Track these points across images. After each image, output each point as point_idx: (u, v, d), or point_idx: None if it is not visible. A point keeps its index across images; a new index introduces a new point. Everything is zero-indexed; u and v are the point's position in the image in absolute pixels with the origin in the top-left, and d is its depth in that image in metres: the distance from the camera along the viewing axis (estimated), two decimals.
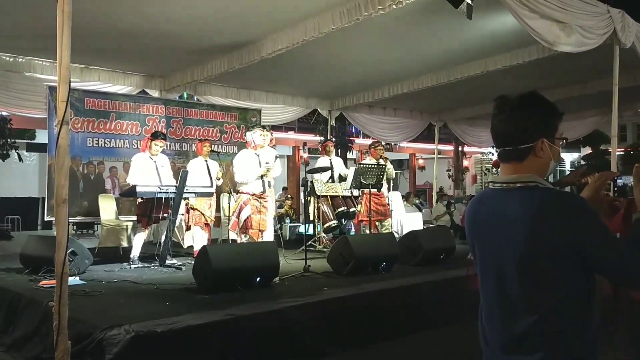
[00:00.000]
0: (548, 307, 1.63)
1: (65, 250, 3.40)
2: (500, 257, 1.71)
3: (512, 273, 1.67)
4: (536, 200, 1.65)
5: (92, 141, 8.74)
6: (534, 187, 1.67)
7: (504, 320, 1.70)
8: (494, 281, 1.73)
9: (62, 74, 3.41)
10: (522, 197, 1.67)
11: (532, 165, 1.70)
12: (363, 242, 6.53)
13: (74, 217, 8.38)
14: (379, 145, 8.96)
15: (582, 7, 6.39)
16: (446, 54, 8.34)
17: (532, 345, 1.64)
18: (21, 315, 4.72)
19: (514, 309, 1.67)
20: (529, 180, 1.68)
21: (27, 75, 8.35)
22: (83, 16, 5.63)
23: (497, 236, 1.71)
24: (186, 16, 6.62)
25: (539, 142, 1.69)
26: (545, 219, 1.61)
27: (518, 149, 1.71)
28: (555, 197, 1.65)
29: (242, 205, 7.06)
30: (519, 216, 1.65)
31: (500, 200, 1.73)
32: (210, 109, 10.12)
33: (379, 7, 5.79)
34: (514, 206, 1.67)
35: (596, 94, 9.99)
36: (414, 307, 5.44)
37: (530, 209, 1.64)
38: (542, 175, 1.71)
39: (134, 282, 5.80)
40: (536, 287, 1.64)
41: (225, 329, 4.09)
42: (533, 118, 1.71)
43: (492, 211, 1.75)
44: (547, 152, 1.70)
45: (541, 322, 1.63)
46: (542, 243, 1.61)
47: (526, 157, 1.70)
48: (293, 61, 8.23)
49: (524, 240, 1.63)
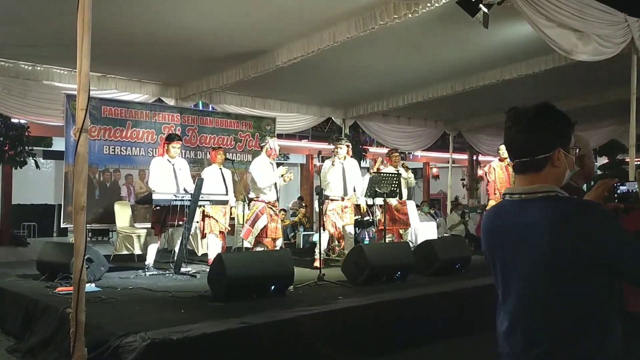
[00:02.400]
0: (573, 319, 1.63)
1: (83, 257, 3.42)
2: (525, 268, 1.70)
3: (537, 284, 1.67)
4: (560, 210, 1.65)
5: (109, 149, 8.81)
6: (554, 197, 1.68)
7: (529, 334, 1.70)
8: (518, 293, 1.73)
9: (82, 82, 3.44)
10: (544, 207, 1.67)
11: (549, 175, 1.72)
12: (378, 251, 6.49)
13: (89, 224, 8.41)
14: (394, 153, 8.93)
15: (600, 15, 6.35)
16: (461, 63, 8.32)
17: (557, 357, 1.64)
18: (37, 322, 4.75)
19: (540, 322, 1.67)
20: (550, 190, 1.69)
21: (46, 83, 8.44)
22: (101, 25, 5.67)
23: (520, 247, 1.71)
24: (202, 25, 6.67)
25: (556, 152, 1.71)
26: (570, 228, 1.61)
27: (535, 160, 1.72)
28: (579, 206, 1.67)
29: (259, 214, 7.07)
30: (543, 226, 1.65)
31: (521, 211, 1.73)
32: (225, 117, 10.17)
33: (395, 16, 5.81)
34: (537, 216, 1.67)
35: (613, 103, 9.89)
36: (429, 318, 5.40)
37: (555, 219, 1.64)
38: (558, 184, 1.73)
39: (149, 289, 5.80)
40: (561, 298, 1.64)
41: (241, 337, 4.08)
42: (550, 129, 1.73)
43: (513, 222, 1.74)
44: (563, 161, 1.72)
45: (566, 335, 1.63)
46: (568, 252, 1.61)
47: (544, 168, 1.72)
48: (308, 70, 8.25)
49: (550, 250, 1.63)
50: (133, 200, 8.82)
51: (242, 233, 7.37)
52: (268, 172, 7.12)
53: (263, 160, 7.25)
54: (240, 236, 7.86)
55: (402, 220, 8.59)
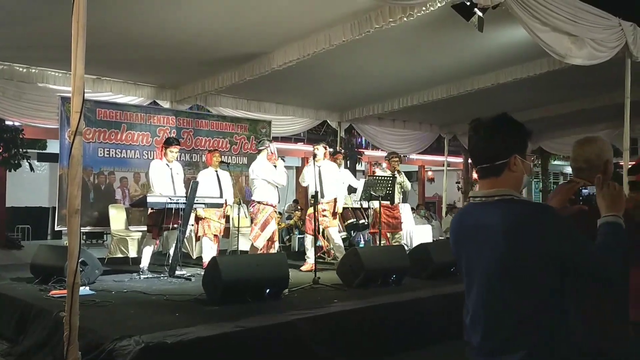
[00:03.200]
0: (528, 310, 1.79)
1: (77, 260, 3.40)
2: (484, 266, 1.88)
3: (495, 280, 1.85)
4: (514, 212, 1.83)
5: (103, 151, 8.80)
6: (510, 200, 1.86)
7: (488, 325, 1.87)
8: (478, 288, 1.91)
9: (77, 85, 3.42)
10: (500, 209, 1.85)
11: (507, 180, 1.89)
12: (373, 255, 6.50)
13: (84, 226, 8.39)
14: (394, 156, 8.93)
15: (594, 20, 6.38)
16: (457, 66, 8.34)
17: (514, 346, 1.79)
18: (31, 325, 4.73)
19: (497, 314, 1.85)
20: (506, 193, 1.87)
21: (40, 85, 8.42)
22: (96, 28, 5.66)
23: (480, 246, 1.89)
24: (197, 28, 6.67)
25: (512, 158, 1.88)
26: (524, 229, 1.79)
27: (494, 165, 1.89)
28: (532, 208, 1.85)
29: (269, 219, 7.09)
30: (499, 227, 1.82)
31: (481, 213, 1.91)
32: (220, 120, 10.17)
33: (390, 20, 5.81)
34: (494, 218, 1.85)
35: (608, 107, 9.94)
36: (424, 321, 5.40)
37: (510, 220, 1.81)
38: (517, 188, 1.90)
39: (143, 292, 5.78)
40: (517, 292, 1.81)
41: (236, 341, 4.07)
42: (506, 137, 1.90)
43: (475, 223, 1.93)
44: (520, 167, 1.89)
45: (522, 325, 1.79)
46: (522, 251, 1.78)
47: (502, 173, 1.89)
48: (303, 73, 8.25)
49: (505, 250, 1.80)
50: (128, 203, 8.80)
51: (251, 235, 7.32)
52: (271, 170, 7.16)
53: (264, 162, 7.27)
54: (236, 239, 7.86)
55: (392, 224, 8.58)
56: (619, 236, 1.89)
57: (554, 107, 10.89)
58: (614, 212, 1.94)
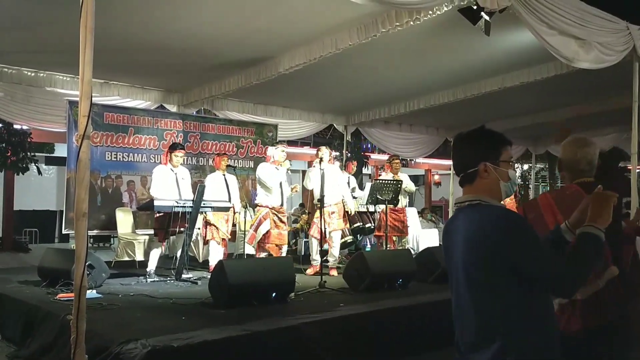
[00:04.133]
0: (492, 310, 1.88)
1: (84, 263, 3.41)
2: (455, 268, 2.01)
3: (462, 282, 1.96)
4: (476, 217, 1.95)
5: (111, 155, 8.83)
6: (477, 205, 1.98)
7: (462, 323, 1.99)
8: (453, 289, 2.04)
9: (84, 89, 3.44)
10: (466, 214, 1.99)
11: (480, 186, 2.01)
12: (379, 259, 6.49)
13: (91, 230, 8.42)
14: (396, 159, 8.91)
15: (601, 23, 6.35)
16: (463, 70, 8.32)
17: (484, 344, 1.88)
18: (38, 328, 4.75)
19: (467, 314, 1.96)
20: (474, 199, 1.99)
21: (48, 89, 8.46)
22: (104, 32, 5.69)
23: (452, 250, 2.03)
24: (205, 33, 6.69)
25: (481, 165, 1.99)
26: (481, 233, 1.89)
27: (467, 174, 2.03)
28: (492, 214, 1.92)
29: (262, 219, 7.09)
30: (462, 231, 1.96)
31: (455, 218, 2.06)
32: (227, 123, 10.19)
33: (397, 24, 5.80)
34: (461, 222, 1.99)
35: (615, 111, 9.87)
36: (431, 325, 5.38)
37: (471, 225, 1.94)
38: (494, 194, 2.00)
39: (150, 296, 5.80)
40: (480, 293, 1.91)
41: (242, 345, 4.07)
42: (475, 147, 2.04)
43: (450, 228, 2.08)
44: (492, 174, 1.99)
45: (489, 324, 1.89)
46: (480, 254, 1.88)
47: (474, 180, 2.02)
48: (310, 77, 8.26)
49: (466, 252, 1.93)
50: (135, 206, 8.82)
51: (246, 238, 7.37)
52: (272, 175, 7.15)
53: (266, 164, 7.33)
54: (243, 242, 7.86)
55: (399, 227, 8.56)
56: (592, 251, 1.91)
57: (561, 111, 10.84)
58: (596, 223, 1.95)
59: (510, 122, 11.42)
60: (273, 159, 7.28)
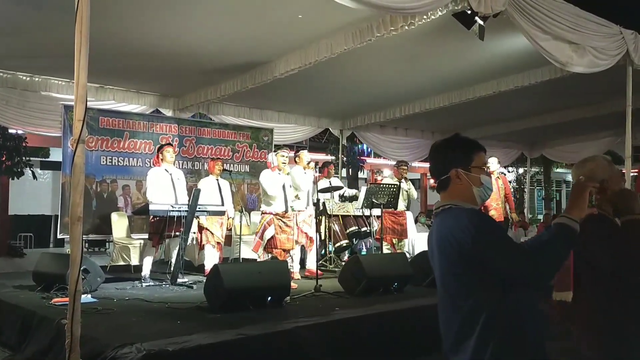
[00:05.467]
0: (469, 310, 1.92)
1: (79, 267, 3.41)
2: (435, 272, 2.08)
3: (440, 285, 2.05)
4: (446, 220, 2.01)
5: (106, 160, 8.83)
6: (448, 209, 2.03)
7: (444, 326, 2.05)
8: (438, 292, 2.09)
9: (79, 93, 3.44)
10: (440, 219, 2.04)
11: (453, 192, 2.05)
12: (375, 262, 6.49)
13: (86, 234, 8.40)
14: (403, 165, 8.93)
15: (595, 28, 6.39)
16: (458, 75, 8.36)
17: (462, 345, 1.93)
18: (34, 333, 4.72)
19: (448, 316, 2.02)
20: (446, 203, 2.05)
21: (44, 94, 8.47)
22: (99, 37, 5.70)
23: (431, 255, 2.11)
24: (200, 37, 6.71)
25: (453, 172, 2.04)
26: (450, 235, 1.94)
27: (441, 180, 2.08)
28: (459, 216, 1.97)
29: (266, 225, 7.08)
30: (435, 234, 2.04)
31: (433, 224, 2.12)
32: (222, 128, 10.20)
33: (391, 28, 5.83)
34: (435, 228, 2.06)
35: (610, 115, 9.94)
36: (427, 329, 5.35)
37: (442, 227, 2.01)
38: (468, 199, 2.04)
39: (145, 300, 5.78)
40: (456, 294, 1.96)
41: (237, 349, 4.06)
42: (445, 154, 2.09)
43: (430, 234, 2.14)
44: (464, 179, 2.04)
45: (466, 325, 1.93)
46: (450, 256, 1.95)
47: (448, 186, 2.07)
48: (305, 81, 8.28)
49: (440, 256, 2.00)
50: (130, 211, 8.81)
51: (252, 246, 7.33)
52: (274, 181, 7.13)
53: (268, 171, 7.28)
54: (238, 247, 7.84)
55: (398, 230, 8.57)
56: (562, 241, 1.93)
57: (556, 115, 10.90)
58: (570, 214, 1.98)
59: (505, 126, 11.47)
60: (273, 164, 7.27)
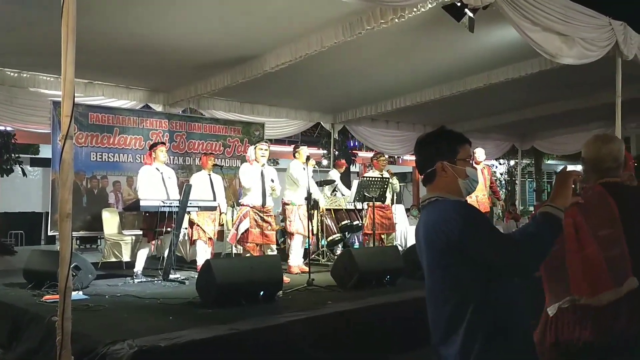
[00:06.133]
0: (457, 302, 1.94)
1: (69, 264, 3.39)
2: (423, 264, 2.10)
3: (428, 278, 2.06)
4: (432, 211, 2.03)
5: (96, 156, 8.77)
6: (434, 202, 2.06)
7: (432, 317, 2.06)
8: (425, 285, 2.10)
9: (67, 88, 3.41)
10: (426, 212, 2.07)
11: (439, 185, 2.07)
12: (367, 256, 6.50)
13: (77, 231, 8.37)
14: (382, 156, 8.93)
15: (584, 19, 6.40)
16: (449, 67, 8.36)
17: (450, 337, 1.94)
18: (25, 331, 4.70)
19: (436, 307, 2.03)
20: (433, 196, 2.07)
21: (32, 90, 8.39)
22: (87, 32, 5.66)
23: (419, 248, 2.13)
24: (189, 32, 6.66)
25: (438, 165, 2.06)
26: (437, 227, 1.96)
27: (427, 173, 2.10)
28: (445, 208, 1.99)
29: (242, 218, 7.08)
30: (422, 227, 2.06)
31: (420, 216, 2.16)
32: (213, 123, 10.15)
33: (382, 21, 5.82)
34: (422, 220, 2.09)
35: (599, 106, 9.97)
36: (419, 321, 5.36)
37: (428, 219, 2.03)
38: (454, 192, 2.05)
39: (137, 296, 5.76)
40: (443, 286, 1.98)
41: (230, 344, 4.06)
42: (431, 147, 2.11)
43: (417, 227, 2.15)
44: (449, 172, 2.05)
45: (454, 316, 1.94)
46: (437, 247, 1.96)
47: (434, 179, 2.09)
48: (296, 75, 8.25)
49: (427, 248, 2.02)
50: (121, 207, 8.77)
51: (228, 237, 7.37)
52: (251, 174, 7.14)
53: (246, 164, 7.36)
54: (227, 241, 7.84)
55: (386, 224, 8.58)
56: (547, 230, 1.93)
57: (546, 106, 10.93)
58: (554, 202, 1.99)
59: (496, 118, 11.50)
60: (251, 158, 7.31)
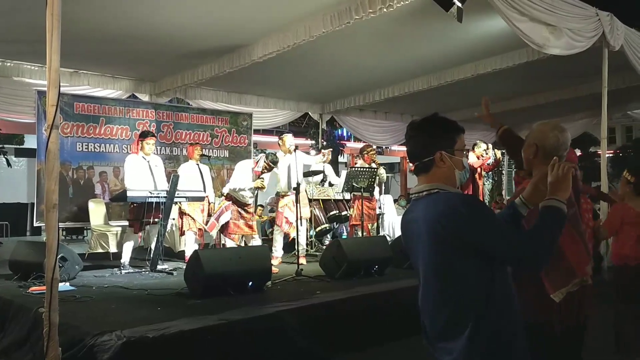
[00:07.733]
0: (461, 297, 1.88)
1: (56, 255, 3.36)
2: (419, 259, 1.99)
3: (428, 272, 1.96)
4: (435, 204, 1.92)
5: (82, 146, 8.68)
6: (435, 193, 1.96)
7: (430, 312, 1.98)
8: (420, 281, 2.02)
9: (52, 77, 3.37)
10: (425, 203, 1.96)
11: (436, 175, 1.99)
12: (355, 246, 6.52)
13: (63, 222, 8.30)
14: (371, 149, 8.93)
15: (571, 10, 6.42)
16: (437, 57, 8.36)
17: (454, 332, 1.87)
18: (11, 322, 4.67)
19: (435, 302, 1.95)
20: (432, 187, 1.97)
21: (16, 79, 8.27)
22: (72, 20, 5.58)
23: (414, 241, 2.01)
24: (176, 21, 6.60)
25: (437, 154, 1.97)
26: (442, 218, 1.87)
27: (423, 163, 2.01)
28: (451, 200, 1.90)
29: (224, 210, 7.05)
30: (423, 220, 1.94)
31: (414, 208, 2.04)
32: (200, 113, 10.09)
33: (370, 11, 5.79)
34: (421, 212, 1.96)
35: (586, 97, 10.05)
36: (407, 311, 5.39)
37: (431, 212, 1.91)
38: (450, 182, 1.99)
39: (124, 287, 5.75)
40: (447, 280, 1.90)
41: (218, 334, 4.06)
42: (429, 135, 2.01)
43: (409, 219, 2.06)
44: (447, 162, 1.98)
45: (457, 311, 1.88)
46: (444, 241, 1.87)
47: (430, 169, 1.99)
48: (284, 65, 8.21)
49: (430, 241, 1.91)
50: (107, 197, 8.70)
51: (207, 225, 7.33)
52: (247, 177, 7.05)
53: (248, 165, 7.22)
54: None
55: (371, 215, 8.60)
56: (553, 222, 1.93)
57: (534, 97, 10.98)
58: (556, 195, 1.98)
59: None
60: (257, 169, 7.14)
